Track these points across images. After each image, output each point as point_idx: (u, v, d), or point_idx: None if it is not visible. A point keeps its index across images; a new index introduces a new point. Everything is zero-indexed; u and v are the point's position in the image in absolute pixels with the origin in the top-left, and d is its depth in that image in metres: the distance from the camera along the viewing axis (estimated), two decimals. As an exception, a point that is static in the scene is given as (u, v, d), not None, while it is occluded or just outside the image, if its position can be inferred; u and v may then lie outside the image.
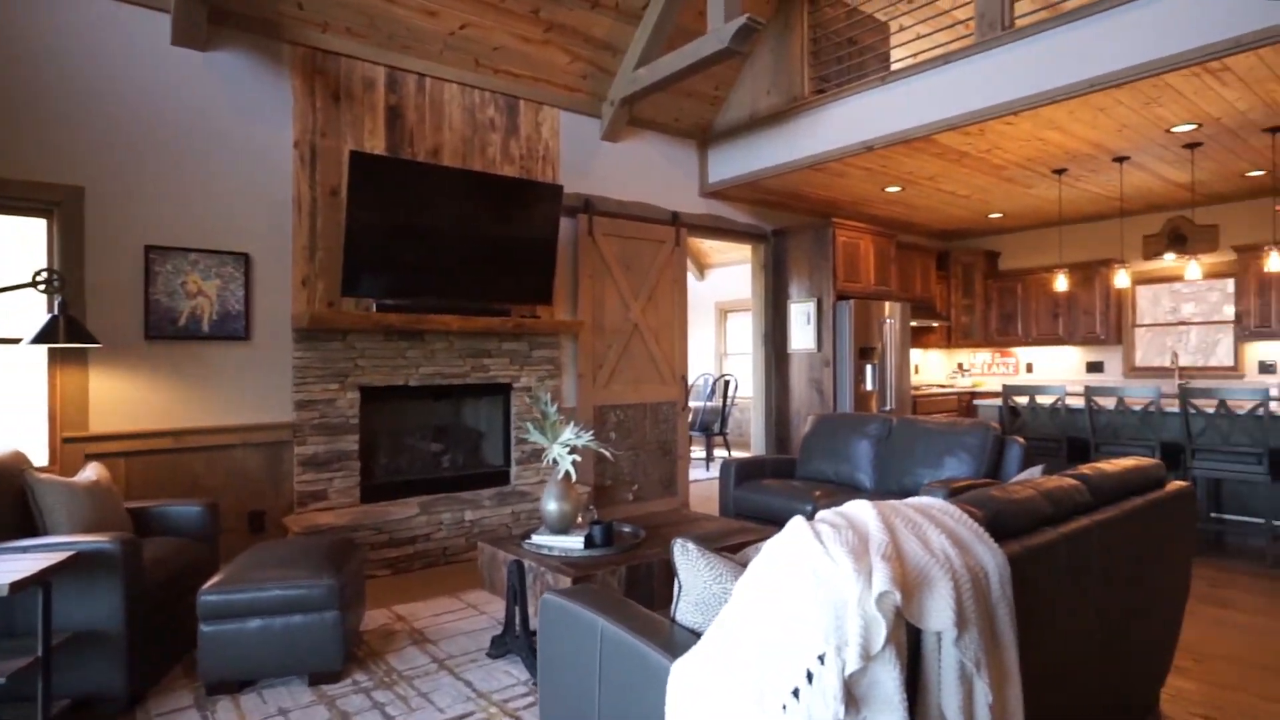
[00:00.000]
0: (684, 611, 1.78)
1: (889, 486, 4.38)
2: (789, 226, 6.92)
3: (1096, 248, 7.93)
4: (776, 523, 4.36)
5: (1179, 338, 7.48)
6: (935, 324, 8.00)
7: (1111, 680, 2.25)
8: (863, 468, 4.58)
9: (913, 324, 7.89)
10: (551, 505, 3.15)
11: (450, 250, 4.81)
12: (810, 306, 6.73)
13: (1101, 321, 7.59)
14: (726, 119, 6.29)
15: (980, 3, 4.56)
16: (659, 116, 6.13)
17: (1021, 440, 4.14)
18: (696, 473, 8.13)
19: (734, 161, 6.24)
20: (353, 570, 3.01)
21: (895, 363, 6.88)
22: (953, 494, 3.61)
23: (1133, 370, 7.69)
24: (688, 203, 6.45)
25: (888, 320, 6.83)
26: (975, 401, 5.91)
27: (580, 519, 3.31)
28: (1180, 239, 7.31)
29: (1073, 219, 7.92)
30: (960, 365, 9.03)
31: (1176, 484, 2.56)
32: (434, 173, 4.70)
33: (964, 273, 8.49)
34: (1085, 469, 2.38)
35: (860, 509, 1.60)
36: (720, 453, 9.23)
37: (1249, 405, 4.59)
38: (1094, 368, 7.96)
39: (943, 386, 8.20)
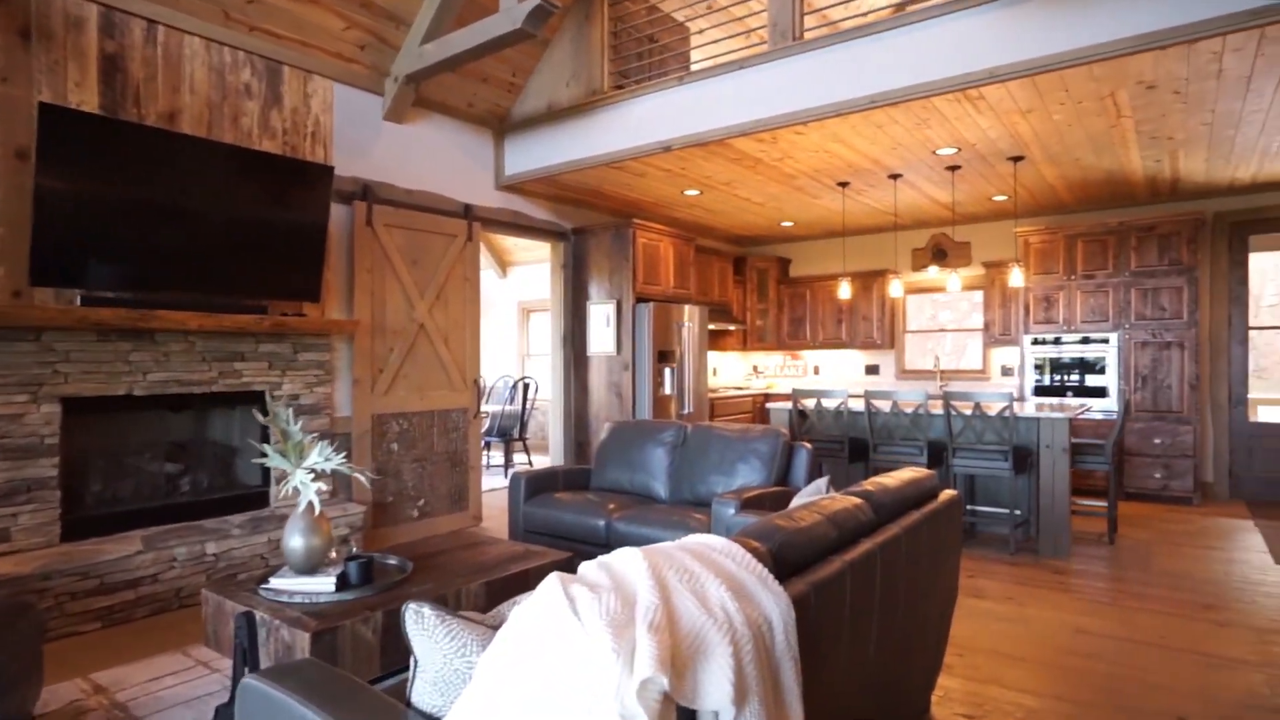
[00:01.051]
0: (421, 692, 1.43)
1: (684, 496, 4.28)
2: (590, 225, 6.72)
3: (874, 258, 8.53)
4: (570, 540, 4.10)
5: (939, 342, 8.23)
6: (732, 327, 8.21)
7: (890, 700, 2.21)
8: (658, 477, 4.45)
9: (711, 327, 8.02)
10: (295, 541, 2.64)
11: (192, 235, 4.05)
12: (610, 308, 6.58)
13: (878, 327, 8.17)
14: (524, 109, 5.95)
15: (773, 12, 4.60)
16: (451, 100, 5.65)
17: (809, 445, 4.21)
18: (494, 481, 7.70)
19: (531, 154, 5.92)
20: (11, 642, 2.31)
21: (694, 366, 6.92)
22: (744, 506, 3.55)
23: (903, 372, 8.36)
24: (482, 195, 6.03)
25: (686, 323, 6.84)
26: (768, 404, 6.07)
27: (334, 554, 2.83)
28: (942, 254, 8.04)
29: (855, 230, 8.46)
30: (755, 367, 9.37)
31: (948, 493, 2.61)
32: (167, 140, 3.93)
33: (759, 278, 8.80)
34: (869, 485, 2.32)
35: (629, 562, 1.34)
36: (521, 458, 8.87)
37: (997, 407, 5.03)
38: (872, 370, 8.56)
39: (739, 389, 8.45)
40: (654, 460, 4.50)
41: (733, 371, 9.30)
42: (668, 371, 6.65)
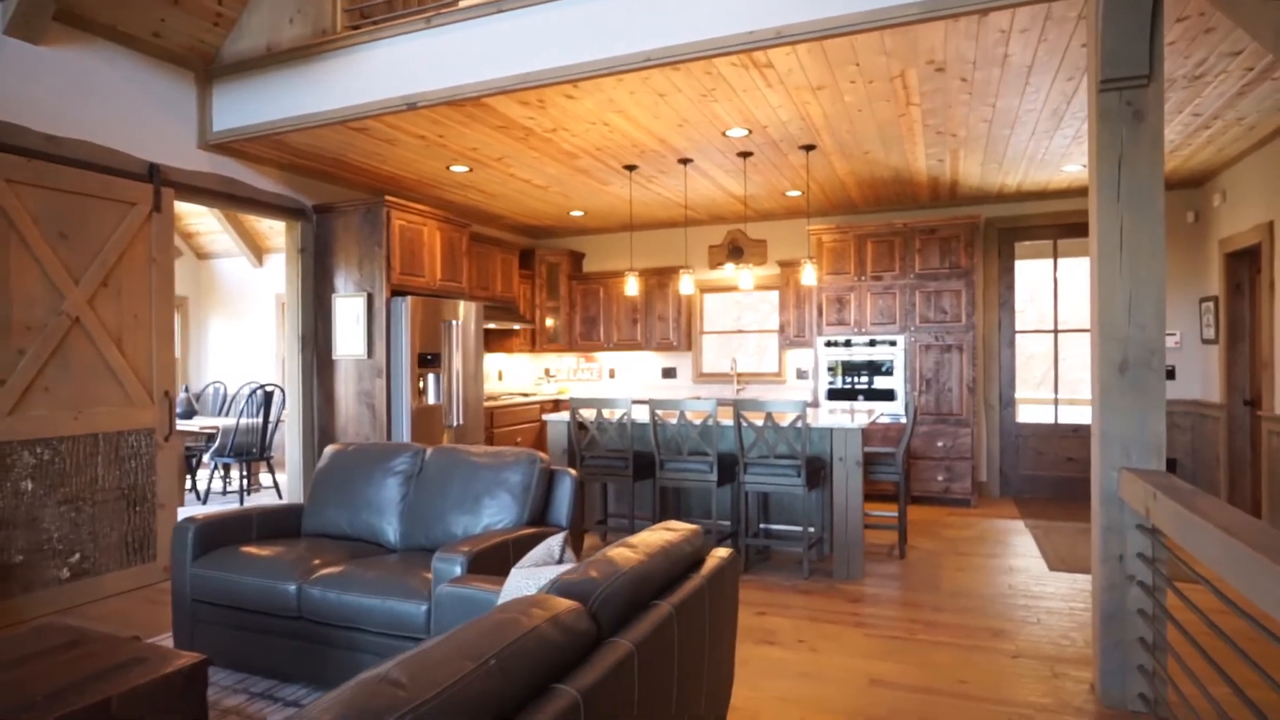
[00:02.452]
0: None
1: (418, 541, 3.36)
2: (337, 203, 5.56)
3: (670, 255, 8.05)
4: (253, 613, 3.04)
5: (739, 344, 7.90)
6: (517, 326, 7.35)
7: None
8: (388, 516, 3.48)
9: (493, 326, 7.11)
10: None
11: None
12: (360, 302, 5.47)
13: (674, 328, 7.68)
14: (238, 48, 4.70)
15: (535, -55, 3.80)
16: (124, 23, 4.29)
17: (573, 472, 3.45)
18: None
19: (248, 107, 4.69)
20: None
21: (466, 371, 5.98)
22: (476, 561, 2.70)
23: (701, 376, 7.94)
24: (179, 154, 4.70)
25: (457, 321, 5.89)
26: (545, 416, 5.28)
27: None
28: (739, 251, 7.69)
29: (649, 224, 7.92)
30: (547, 371, 8.58)
31: (717, 558, 1.92)
32: None
33: (549, 273, 8.01)
34: (596, 567, 1.56)
35: None
36: (266, 478, 7.43)
37: (790, 417, 4.60)
38: (669, 373, 8.07)
39: (526, 395, 7.60)
40: (385, 495, 3.52)
41: (521, 375, 8.44)
42: (432, 378, 5.65)
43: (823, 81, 3.91)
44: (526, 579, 1.89)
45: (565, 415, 5.13)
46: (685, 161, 5.41)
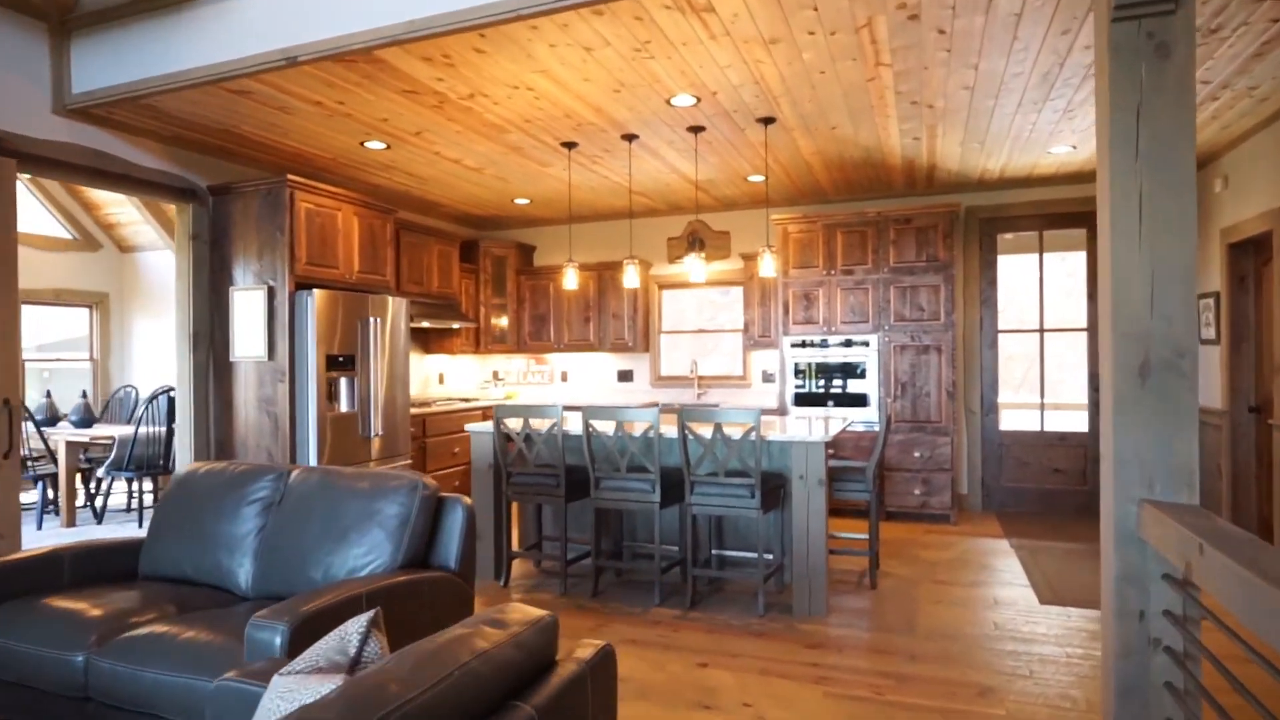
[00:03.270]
0: None
1: (273, 588, 2.70)
2: (235, 183, 4.88)
3: (625, 247, 7.43)
4: (34, 689, 2.36)
5: (700, 345, 7.30)
6: (456, 325, 6.69)
7: None
8: (240, 555, 2.82)
9: (428, 325, 6.44)
10: None
11: None
12: (260, 297, 4.79)
13: (630, 327, 7.06)
14: (101, -2, 4.02)
15: None
16: (-51, -38, 3.60)
17: (467, 501, 2.81)
18: (126, 533, 5.56)
19: (112, 64, 4.00)
20: None
21: (389, 374, 5.31)
22: (300, 630, 2.05)
23: (660, 379, 7.33)
24: (28, 121, 4.00)
25: (378, 319, 5.22)
26: (467, 427, 4.64)
27: None
28: (699, 243, 7.09)
29: (603, 214, 7.29)
30: (495, 374, 7.92)
31: (579, 656, 1.30)
32: None
33: (495, 267, 7.36)
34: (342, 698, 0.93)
35: None
36: (179, 496, 6.69)
37: (742, 429, 3.99)
38: (625, 376, 7.45)
39: (467, 400, 6.94)
40: (237, 529, 2.86)
41: (466, 379, 7.77)
42: (345, 382, 4.98)
43: (776, 33, 3.30)
44: (290, 692, 1.26)
45: (489, 426, 4.49)
46: (630, 138, 4.79)
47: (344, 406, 4.98)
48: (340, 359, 4.91)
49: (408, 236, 6.23)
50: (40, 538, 5.63)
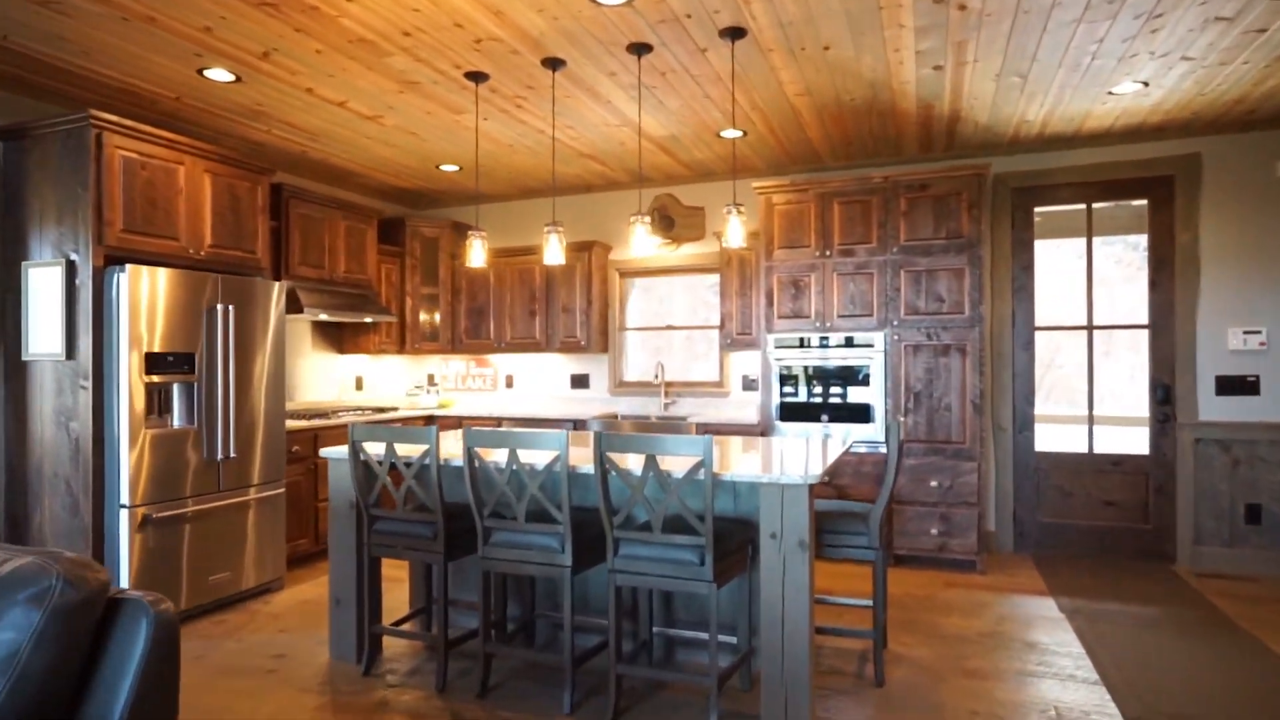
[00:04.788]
0: None
1: None
2: (28, 124, 3.67)
3: (584, 227, 6.22)
4: None
5: (672, 345, 6.07)
6: (370, 319, 5.47)
7: None
8: None
9: (326, 318, 5.23)
10: None
11: None
12: (57, 274, 3.58)
13: (583, 323, 5.83)
14: None
15: None
16: None
17: (165, 606, 1.59)
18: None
19: None
20: None
21: (247, 377, 4.09)
22: None
23: (621, 385, 6.11)
24: None
25: (228, 307, 4.00)
26: (323, 452, 3.42)
27: None
28: (668, 222, 5.89)
29: (558, 187, 6.08)
30: (431, 378, 6.70)
31: None
32: None
33: (425, 251, 6.14)
34: None
35: None
36: None
37: (687, 464, 2.77)
38: (580, 382, 6.23)
39: (383, 410, 5.71)
40: None
41: (393, 383, 6.55)
42: (180, 389, 3.77)
43: None
44: None
45: (344, 451, 3.26)
46: (554, 64, 3.57)
47: (178, 421, 3.76)
48: (171, 358, 3.70)
49: (301, 207, 5.02)
50: None
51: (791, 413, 4.92)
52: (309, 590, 4.30)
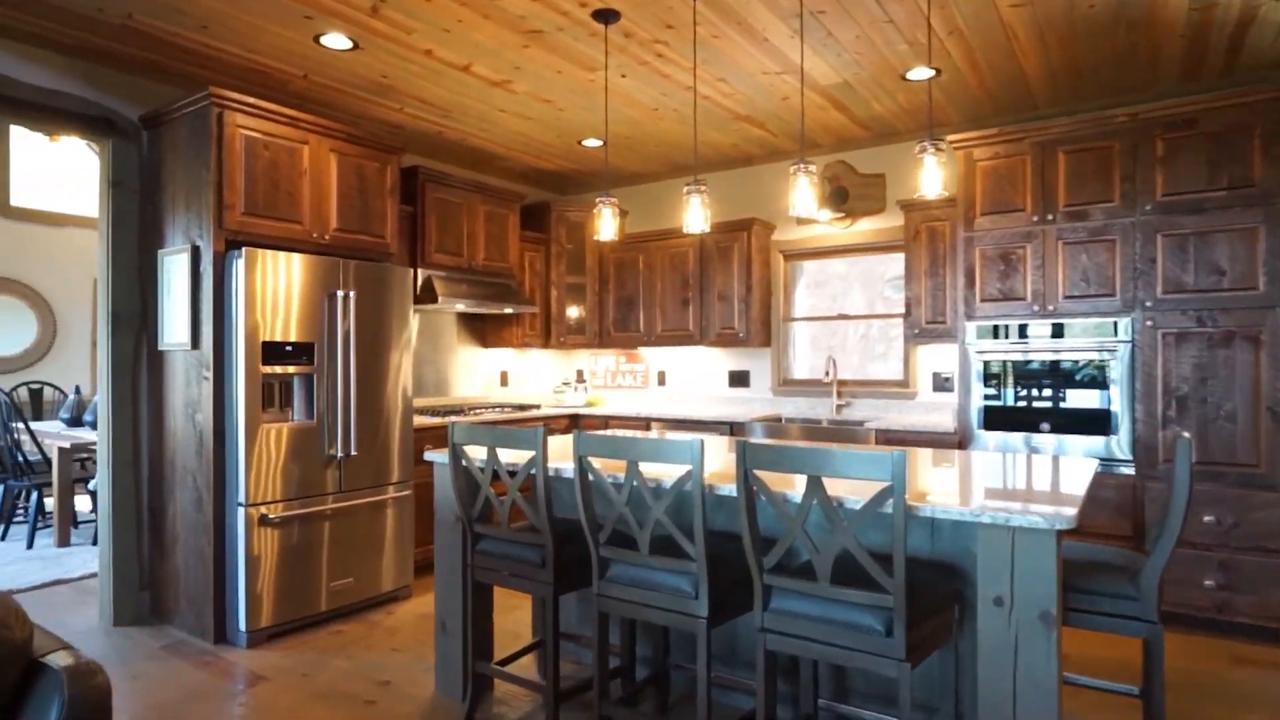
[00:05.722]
0: None
1: None
2: (164, 110, 3.58)
3: (741, 203, 5.52)
4: None
5: (842, 336, 5.23)
6: (511, 309, 5.11)
7: None
8: None
9: (465, 308, 4.93)
10: None
11: None
12: (184, 261, 3.45)
13: (741, 312, 5.13)
14: None
15: None
16: None
17: (97, 682, 1.12)
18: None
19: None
20: None
21: (377, 370, 3.81)
22: None
23: (786, 384, 5.34)
24: None
25: (350, 294, 3.73)
26: (428, 455, 2.97)
27: None
28: (842, 193, 5.05)
29: (712, 161, 5.44)
30: (580, 374, 6.30)
31: None
32: None
33: (571, 237, 5.73)
34: None
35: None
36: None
37: (866, 489, 2.01)
38: (739, 380, 5.53)
39: (524, 408, 5.33)
40: None
41: (540, 380, 6.20)
42: (300, 382, 3.53)
43: None
44: None
45: (446, 456, 2.80)
46: (697, -13, 2.92)
47: (299, 415, 3.53)
48: (289, 348, 3.46)
49: (438, 191, 4.74)
50: (28, 558, 4.71)
51: (998, 419, 3.93)
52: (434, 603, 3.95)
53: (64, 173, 7.32)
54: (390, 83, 3.90)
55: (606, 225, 3.19)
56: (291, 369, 3.46)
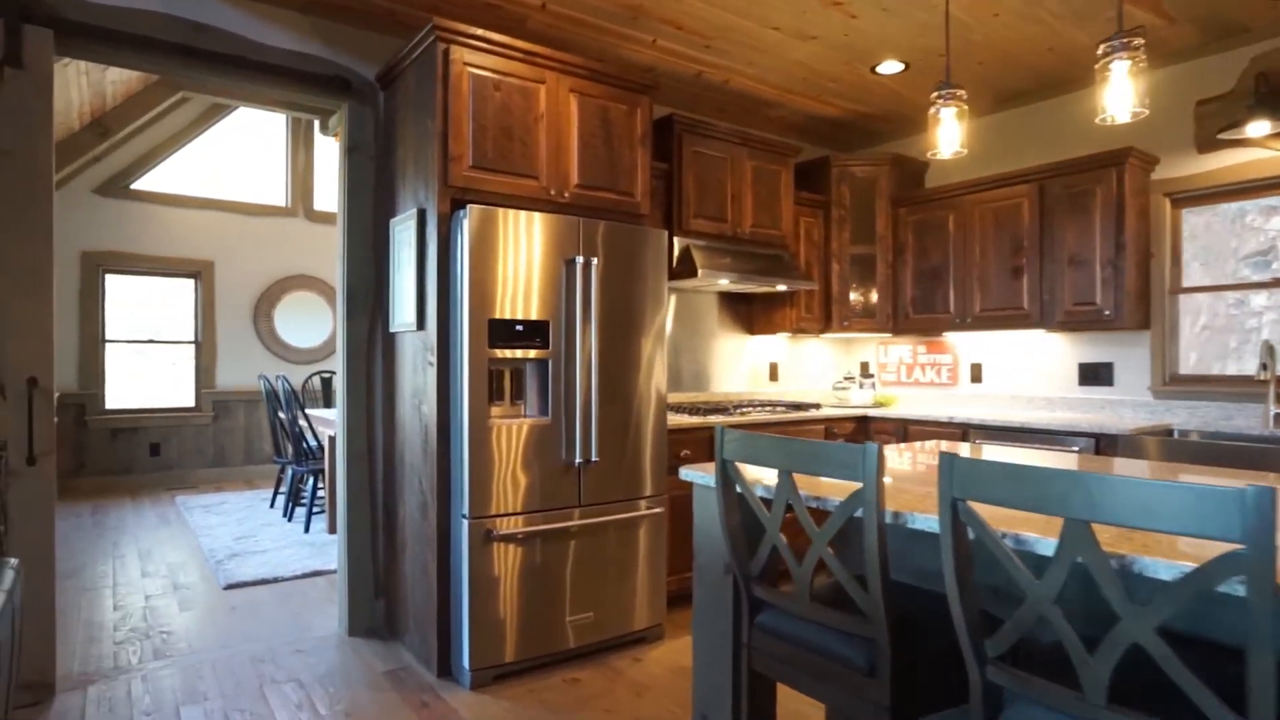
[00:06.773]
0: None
1: None
2: (395, 61, 3.16)
3: (1087, 137, 4.02)
4: None
5: (1262, 315, 3.54)
6: (784, 286, 4.16)
7: None
8: None
9: (728, 285, 4.09)
10: None
11: None
12: (410, 230, 2.99)
13: (1108, 282, 3.67)
14: None
15: None
16: None
17: None
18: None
19: None
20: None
21: (610, 354, 3.08)
22: None
23: (1173, 381, 3.76)
24: (82, -26, 2.75)
25: (591, 260, 3.03)
26: (683, 473, 2.10)
27: None
28: (1270, 97, 3.38)
29: (1050, 78, 4.02)
30: (865, 367, 5.16)
31: None
32: None
33: (857, 198, 4.63)
34: None
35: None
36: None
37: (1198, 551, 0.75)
38: (1093, 375, 4.04)
39: (800, 407, 4.32)
40: None
41: (817, 374, 5.15)
42: (534, 369, 2.91)
43: None
44: None
45: (710, 477, 1.91)
46: None
47: (532, 410, 2.90)
48: (520, 327, 2.84)
49: (697, 144, 3.94)
50: (300, 542, 4.77)
51: None
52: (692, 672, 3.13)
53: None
54: (642, 5, 3.15)
55: (948, 133, 2.10)
56: (522, 353, 2.84)
